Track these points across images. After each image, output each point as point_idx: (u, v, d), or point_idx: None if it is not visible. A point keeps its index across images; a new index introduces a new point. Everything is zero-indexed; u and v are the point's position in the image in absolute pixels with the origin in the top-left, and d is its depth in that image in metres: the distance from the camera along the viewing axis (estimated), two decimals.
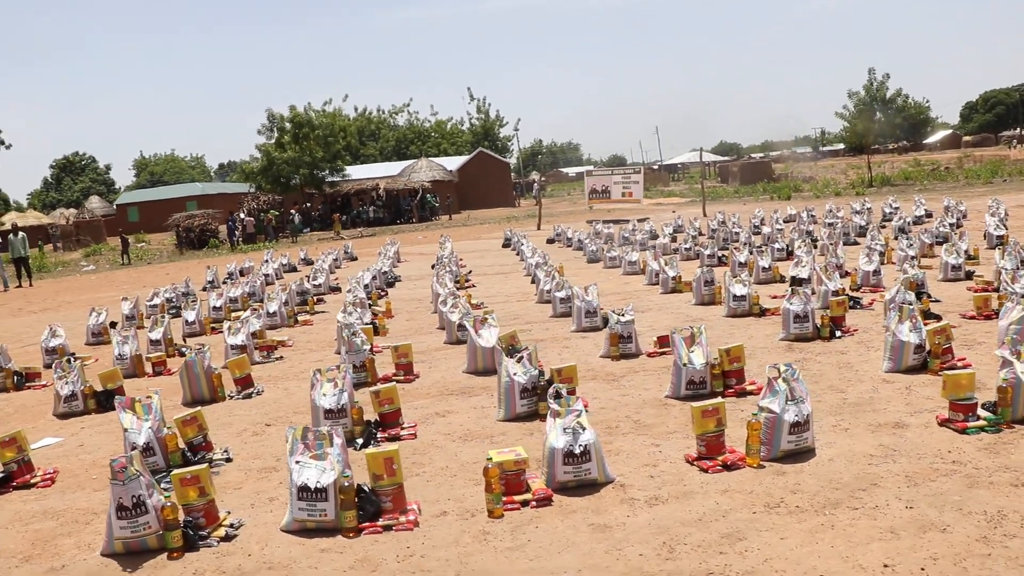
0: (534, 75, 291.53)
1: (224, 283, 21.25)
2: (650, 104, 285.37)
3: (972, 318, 10.49)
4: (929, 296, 11.97)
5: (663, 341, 10.04)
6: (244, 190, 50.43)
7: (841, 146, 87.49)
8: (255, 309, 14.01)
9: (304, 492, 5.54)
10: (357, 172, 56.79)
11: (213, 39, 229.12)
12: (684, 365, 8.01)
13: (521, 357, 8.08)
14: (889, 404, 7.26)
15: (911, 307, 8.47)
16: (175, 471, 5.91)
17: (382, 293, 17.71)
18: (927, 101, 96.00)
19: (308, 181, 46.68)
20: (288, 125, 46.69)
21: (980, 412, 6.56)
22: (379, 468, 5.66)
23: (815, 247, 16.87)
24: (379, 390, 7.81)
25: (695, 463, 6.21)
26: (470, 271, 20.19)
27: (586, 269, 19.47)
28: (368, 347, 10.13)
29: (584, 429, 6.00)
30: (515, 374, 7.91)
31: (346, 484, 5.53)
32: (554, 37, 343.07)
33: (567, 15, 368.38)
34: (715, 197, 46.97)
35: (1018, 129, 67.46)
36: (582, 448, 5.93)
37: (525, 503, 5.74)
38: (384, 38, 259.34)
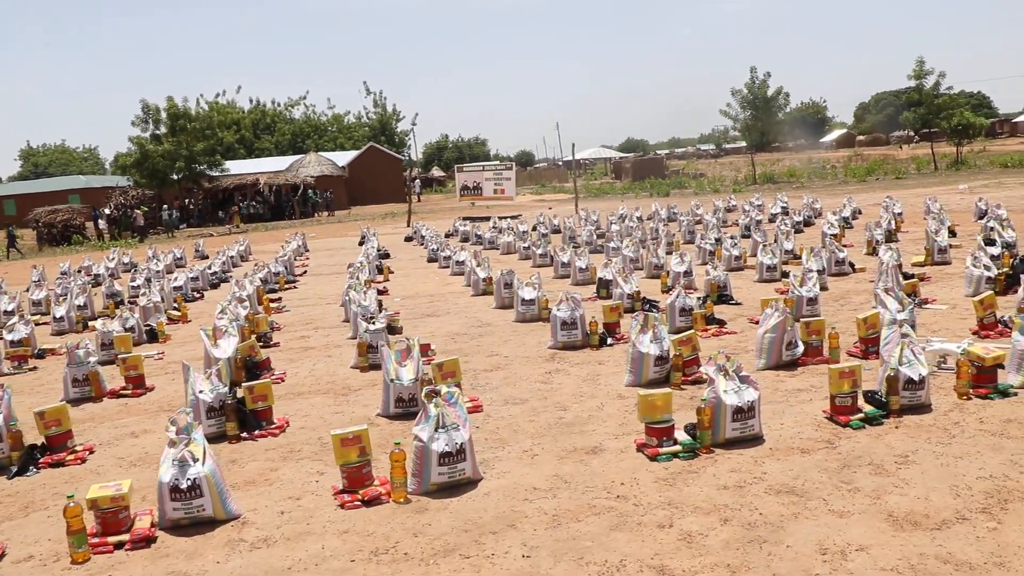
0: (441, 70, 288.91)
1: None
2: (557, 100, 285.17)
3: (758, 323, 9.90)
4: (729, 299, 11.46)
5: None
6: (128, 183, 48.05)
7: (743, 144, 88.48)
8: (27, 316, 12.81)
9: None
10: (241, 167, 54.90)
11: (106, 27, 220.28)
12: (392, 381, 7.21)
13: (210, 374, 7.19)
14: (602, 425, 6.58)
15: (654, 316, 7.80)
16: None
17: (198, 296, 16.65)
18: (824, 101, 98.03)
19: (186, 176, 44.72)
20: (164, 116, 44.66)
21: (679, 436, 5.88)
22: None
23: (643, 246, 16.31)
24: (44, 411, 6.86)
25: (337, 496, 5.41)
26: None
27: (420, 269, 18.65)
28: (93, 360, 9.07)
29: (195, 461, 5.15)
30: (201, 392, 7.02)
31: None
32: (464, 32, 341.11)
33: (474, 11, 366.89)
34: (600, 193, 46.66)
35: (906, 131, 68.84)
36: (190, 482, 5.08)
37: (120, 545, 4.90)
38: (281, 29, 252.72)
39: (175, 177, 44.29)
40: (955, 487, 4.92)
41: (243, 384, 7.43)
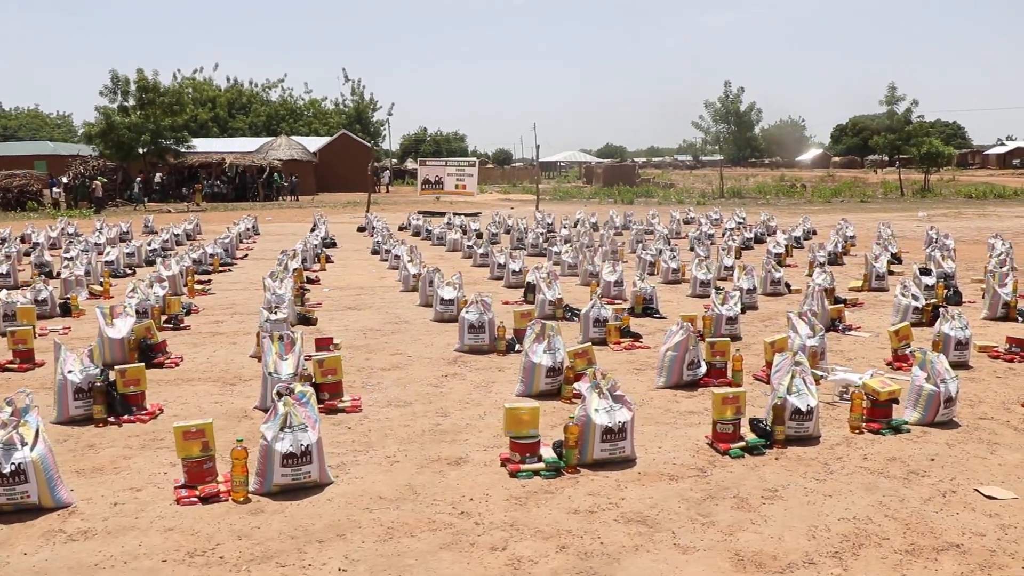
0: (423, 62, 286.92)
1: None
2: (538, 101, 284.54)
3: None
4: (655, 312, 11.23)
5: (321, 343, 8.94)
6: (94, 153, 47.08)
7: (720, 157, 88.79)
8: None
9: None
10: (210, 145, 54.15)
11: None
12: (270, 374, 6.89)
13: (82, 354, 6.86)
14: (476, 435, 6.30)
15: (551, 325, 7.53)
16: None
17: (129, 272, 16.24)
18: (802, 120, 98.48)
19: (151, 150, 43.94)
20: (133, 88, 43.86)
21: (546, 453, 5.61)
22: None
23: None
24: None
25: (176, 491, 5.13)
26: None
27: (363, 261, 18.32)
28: None
29: (23, 444, 4.85)
30: (70, 372, 6.68)
31: None
32: (449, 26, 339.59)
33: (461, 6, 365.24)
34: (567, 197, 46.43)
35: (881, 155, 69.30)
36: (14, 466, 4.79)
37: None
38: (263, 10, 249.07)
39: (141, 151, 43.52)
40: (814, 528, 4.67)
41: (115, 367, 7.06)
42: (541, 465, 5.45)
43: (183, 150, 46.27)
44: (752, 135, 50.87)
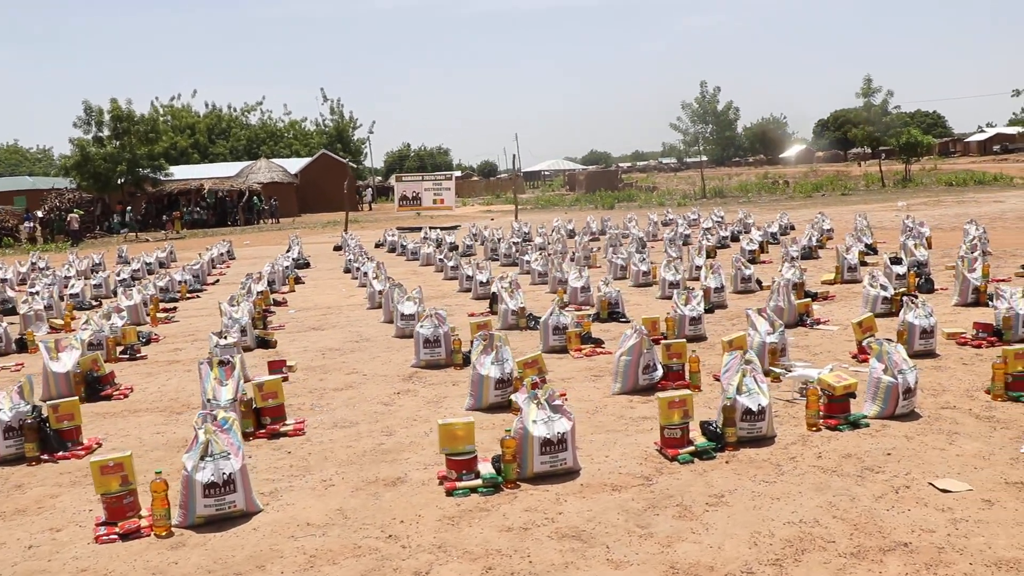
0: (402, 78, 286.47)
1: None
2: (521, 112, 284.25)
3: (656, 341, 9.43)
4: (621, 316, 11.01)
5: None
6: (71, 185, 46.70)
7: (704, 158, 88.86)
8: None
9: None
10: (189, 172, 53.88)
11: (69, 28, 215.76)
12: (209, 400, 6.67)
13: (12, 391, 6.62)
14: (419, 453, 6.08)
15: (500, 336, 7.32)
16: None
17: (95, 304, 15.97)
18: (784, 117, 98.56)
19: (128, 180, 43.63)
20: (107, 118, 43.59)
21: (485, 469, 5.38)
22: None
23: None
24: None
25: (96, 529, 4.90)
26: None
27: (334, 280, 18.10)
28: None
29: None
30: None
31: None
32: (429, 42, 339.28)
33: (440, 20, 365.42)
34: (550, 205, 46.29)
35: (864, 148, 69.32)
36: None
37: None
38: (238, 34, 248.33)
39: (120, 181, 43.24)
40: (757, 534, 4.46)
41: (47, 403, 6.83)
42: (478, 482, 5.23)
43: (161, 178, 45.94)
44: (732, 134, 50.69)
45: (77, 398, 7.01)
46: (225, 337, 8.83)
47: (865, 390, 6.53)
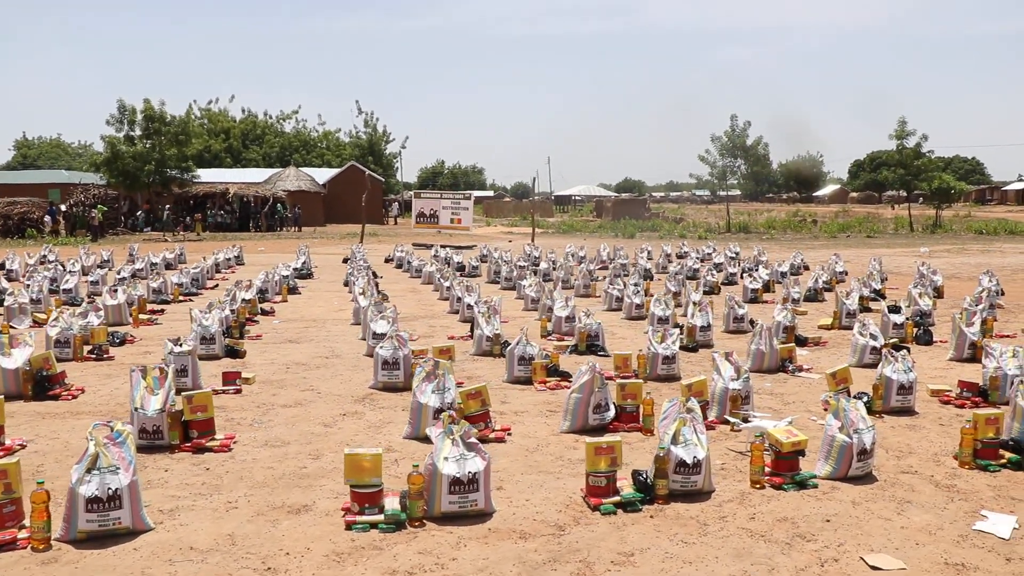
0: (442, 95, 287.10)
1: None
2: (558, 135, 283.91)
3: (627, 378, 9.07)
4: (600, 349, 10.69)
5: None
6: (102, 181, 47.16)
7: (736, 192, 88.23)
8: None
9: None
10: (218, 175, 54.19)
11: (115, 28, 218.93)
12: (136, 409, 6.46)
13: None
14: (336, 480, 5.78)
15: (446, 364, 7.03)
16: None
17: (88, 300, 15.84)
18: (820, 156, 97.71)
19: (156, 179, 43.95)
20: (140, 118, 43.99)
21: (390, 503, 5.09)
22: None
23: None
24: None
25: None
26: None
27: (331, 292, 17.94)
28: None
29: None
30: None
31: None
32: (467, 59, 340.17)
33: (479, 40, 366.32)
34: (572, 230, 45.98)
35: (899, 191, 68.47)
36: None
37: None
38: (280, 44, 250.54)
39: (153, 179, 43.58)
40: None
41: None
42: (380, 517, 4.93)
43: (188, 179, 46.22)
44: (764, 169, 50.14)
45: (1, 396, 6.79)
46: (180, 344, 8.61)
47: (819, 448, 6.17)
